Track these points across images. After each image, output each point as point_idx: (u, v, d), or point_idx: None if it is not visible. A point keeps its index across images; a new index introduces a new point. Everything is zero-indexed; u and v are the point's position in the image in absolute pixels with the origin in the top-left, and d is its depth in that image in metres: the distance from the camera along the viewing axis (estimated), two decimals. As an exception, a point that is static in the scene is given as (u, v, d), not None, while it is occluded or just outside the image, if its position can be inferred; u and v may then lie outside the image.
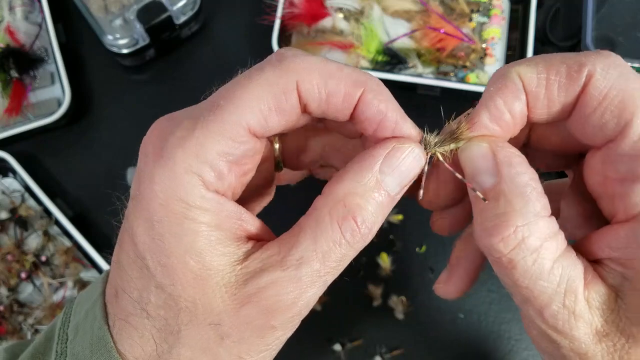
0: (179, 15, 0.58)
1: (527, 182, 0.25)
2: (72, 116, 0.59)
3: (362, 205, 0.26)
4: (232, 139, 0.25)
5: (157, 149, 0.26)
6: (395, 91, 0.66)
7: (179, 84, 0.61)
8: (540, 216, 0.25)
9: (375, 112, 0.27)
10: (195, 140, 0.25)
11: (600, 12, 0.60)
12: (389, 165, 0.27)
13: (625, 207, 0.25)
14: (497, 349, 0.54)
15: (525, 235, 0.25)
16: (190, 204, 0.25)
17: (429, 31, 0.58)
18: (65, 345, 0.28)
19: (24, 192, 0.57)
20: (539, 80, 0.26)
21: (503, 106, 0.26)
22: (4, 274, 0.53)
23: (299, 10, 0.58)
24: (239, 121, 0.25)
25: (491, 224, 0.25)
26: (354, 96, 0.27)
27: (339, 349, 0.52)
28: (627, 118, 0.24)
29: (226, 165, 0.26)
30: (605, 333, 0.25)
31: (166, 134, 0.26)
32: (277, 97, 0.26)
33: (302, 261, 0.25)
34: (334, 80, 0.26)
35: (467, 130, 0.27)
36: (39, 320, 0.53)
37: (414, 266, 0.55)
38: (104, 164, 0.59)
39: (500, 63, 0.60)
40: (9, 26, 0.60)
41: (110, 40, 0.58)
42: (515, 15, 0.62)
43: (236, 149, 0.26)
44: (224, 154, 0.25)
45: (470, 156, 0.27)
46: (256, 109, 0.25)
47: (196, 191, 0.25)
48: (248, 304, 0.25)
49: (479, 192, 0.26)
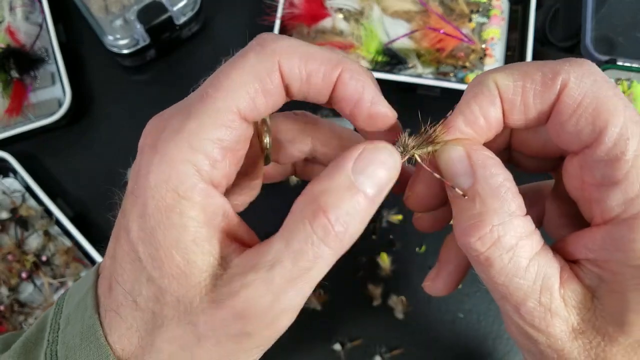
0: (180, 15, 0.58)
1: (502, 182, 0.26)
2: (72, 116, 0.59)
3: (334, 203, 0.25)
4: (224, 125, 0.26)
5: (151, 145, 0.26)
6: (395, 91, 0.66)
7: (179, 84, 0.62)
8: (515, 215, 0.26)
9: (352, 91, 0.27)
10: (188, 131, 0.25)
11: (599, 12, 0.60)
12: (362, 165, 0.26)
13: (602, 211, 0.26)
14: (497, 349, 0.54)
15: (501, 234, 0.25)
16: (180, 195, 0.25)
17: (429, 31, 0.58)
18: (56, 335, 0.28)
19: (24, 192, 0.57)
20: (515, 87, 0.26)
21: (478, 112, 0.27)
22: (4, 273, 0.53)
23: (299, 10, 0.58)
24: (229, 107, 0.26)
25: (468, 224, 0.26)
26: (333, 76, 0.27)
27: (338, 349, 0.52)
28: (601, 125, 0.25)
29: (220, 152, 0.26)
30: (582, 331, 0.25)
31: (159, 130, 0.26)
32: (262, 79, 0.26)
33: (274, 262, 0.25)
34: (313, 61, 0.27)
35: (443, 133, 0.27)
36: (39, 320, 0.53)
37: (413, 266, 0.56)
38: (104, 164, 0.59)
39: (500, 63, 0.61)
40: (9, 26, 0.60)
41: (111, 40, 0.58)
42: (515, 16, 0.62)
43: (229, 134, 0.26)
44: (217, 140, 0.26)
45: (447, 158, 0.27)
46: (244, 92, 0.26)
47: (189, 181, 0.25)
48: (223, 308, 0.25)
49: (458, 190, 0.26)
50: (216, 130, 0.26)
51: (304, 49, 0.27)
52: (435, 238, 0.55)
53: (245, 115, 0.26)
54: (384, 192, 0.27)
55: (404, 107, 0.61)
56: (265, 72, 0.26)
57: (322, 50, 0.28)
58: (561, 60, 0.26)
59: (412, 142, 0.28)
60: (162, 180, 0.25)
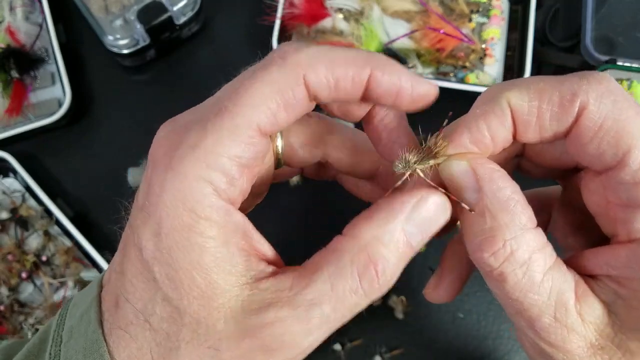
0: (180, 15, 0.58)
1: (510, 196, 0.25)
2: (72, 116, 0.59)
3: (385, 255, 0.25)
4: (243, 142, 0.25)
5: (166, 158, 0.25)
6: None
7: (179, 84, 0.62)
8: (526, 228, 0.25)
9: (390, 86, 0.27)
10: (204, 148, 0.24)
11: (599, 12, 0.60)
12: (416, 218, 0.26)
13: (628, 231, 0.25)
14: (497, 349, 0.54)
15: (514, 249, 0.25)
16: (198, 215, 0.24)
17: (429, 32, 0.58)
18: (59, 348, 0.27)
19: (24, 192, 0.57)
20: (529, 108, 0.26)
21: (486, 131, 0.26)
22: (4, 273, 0.53)
23: (299, 10, 0.58)
24: (249, 123, 0.25)
25: (480, 239, 0.25)
26: (363, 77, 0.26)
27: (338, 349, 0.52)
28: (624, 148, 0.24)
29: (238, 170, 0.25)
30: (600, 347, 0.25)
31: (176, 143, 0.25)
32: (285, 94, 0.25)
33: (314, 303, 0.24)
34: (339, 66, 0.26)
35: (445, 147, 0.27)
36: (39, 320, 0.53)
37: (414, 266, 0.55)
38: (104, 164, 0.59)
39: (500, 63, 0.61)
40: (9, 26, 0.60)
41: (111, 40, 0.58)
42: (515, 16, 0.62)
43: (248, 151, 0.25)
44: (235, 158, 0.25)
45: (451, 174, 0.27)
46: (265, 108, 0.25)
47: (206, 200, 0.24)
48: (251, 337, 0.24)
49: (464, 204, 0.26)
50: (235, 148, 0.25)
51: (328, 56, 0.26)
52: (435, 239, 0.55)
53: (265, 131, 0.26)
54: (424, 242, 0.27)
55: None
56: (289, 86, 0.25)
57: (346, 53, 0.27)
58: (578, 75, 0.25)
59: (413, 158, 0.27)
60: (178, 199, 0.24)
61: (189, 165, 0.24)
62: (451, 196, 0.27)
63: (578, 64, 0.59)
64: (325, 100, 0.27)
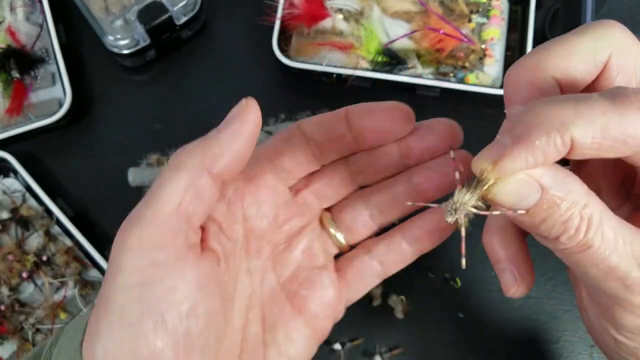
0: (180, 16, 0.59)
1: (565, 176, 0.25)
2: (73, 116, 0.59)
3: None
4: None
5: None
6: (394, 92, 0.66)
7: (179, 84, 0.62)
8: (590, 195, 0.25)
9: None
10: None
11: (599, 13, 0.61)
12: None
13: None
14: (497, 349, 0.54)
15: (589, 216, 0.25)
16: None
17: (429, 32, 0.58)
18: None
19: (25, 192, 0.57)
20: (592, 144, 0.24)
21: (542, 160, 0.24)
22: (5, 273, 0.53)
23: (299, 11, 0.58)
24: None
25: (558, 227, 0.25)
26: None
27: (338, 348, 0.52)
28: None
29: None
30: None
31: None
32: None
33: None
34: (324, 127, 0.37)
35: (492, 171, 0.25)
36: (40, 320, 0.53)
37: (414, 266, 0.56)
38: (104, 163, 0.59)
39: (500, 64, 0.61)
40: (10, 27, 0.60)
41: (111, 40, 0.58)
42: (515, 16, 0.62)
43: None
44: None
45: (510, 191, 0.25)
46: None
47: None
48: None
49: (520, 211, 0.25)
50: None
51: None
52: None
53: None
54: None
55: (404, 107, 0.61)
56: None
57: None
58: None
59: (464, 197, 0.25)
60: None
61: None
62: (511, 214, 0.26)
63: (577, 64, 0.59)
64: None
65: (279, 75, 0.62)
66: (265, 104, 0.62)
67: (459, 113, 0.59)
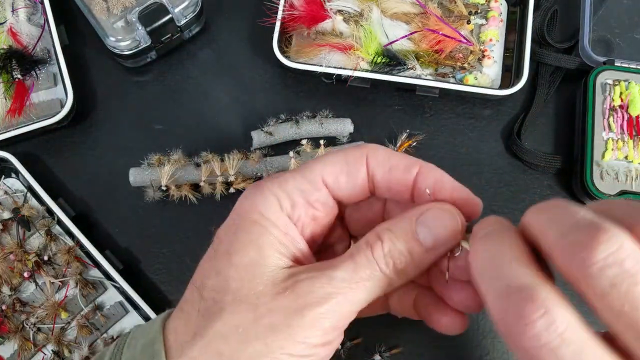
0: (181, 17, 0.59)
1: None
2: (74, 117, 0.60)
3: (391, 238, 0.31)
4: (308, 182, 0.33)
5: (254, 187, 0.34)
6: (394, 92, 0.66)
7: (180, 85, 0.62)
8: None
9: (434, 180, 0.33)
10: (279, 179, 0.33)
11: (597, 13, 0.61)
12: (425, 219, 0.31)
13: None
14: (496, 349, 0.54)
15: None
16: (265, 216, 0.32)
17: (428, 33, 0.59)
18: None
19: (26, 192, 0.57)
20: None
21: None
22: (6, 273, 0.54)
23: (300, 12, 0.59)
24: (316, 173, 0.34)
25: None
26: (413, 171, 0.33)
27: (338, 347, 0.52)
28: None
29: (300, 199, 0.33)
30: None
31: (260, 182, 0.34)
32: (348, 163, 0.34)
33: (337, 266, 0.31)
34: (395, 158, 0.34)
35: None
36: (41, 319, 0.53)
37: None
38: (105, 164, 0.59)
39: (498, 64, 0.61)
40: (11, 28, 0.61)
41: (112, 41, 0.58)
42: (513, 17, 0.62)
43: (310, 190, 0.33)
44: (299, 190, 0.33)
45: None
46: (330, 168, 0.34)
47: (273, 209, 0.32)
48: (284, 292, 0.30)
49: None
50: (301, 182, 0.33)
51: (387, 150, 0.34)
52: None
53: (326, 183, 0.34)
54: (440, 249, 0.32)
55: (404, 107, 0.61)
56: (352, 159, 0.34)
57: (402, 154, 0.35)
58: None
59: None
60: (253, 203, 0.33)
61: (267, 185, 0.33)
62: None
63: (576, 65, 0.59)
64: (379, 185, 0.34)
65: (279, 76, 0.62)
66: (265, 104, 0.63)
67: (457, 114, 0.60)
